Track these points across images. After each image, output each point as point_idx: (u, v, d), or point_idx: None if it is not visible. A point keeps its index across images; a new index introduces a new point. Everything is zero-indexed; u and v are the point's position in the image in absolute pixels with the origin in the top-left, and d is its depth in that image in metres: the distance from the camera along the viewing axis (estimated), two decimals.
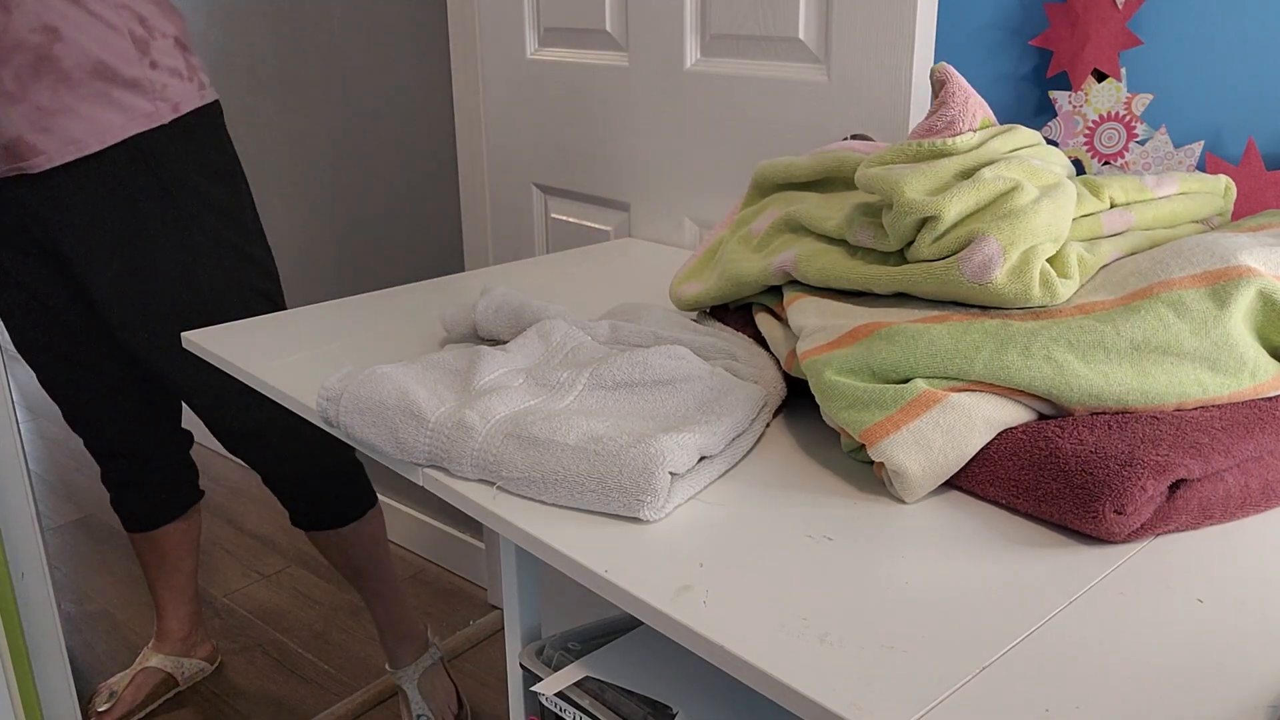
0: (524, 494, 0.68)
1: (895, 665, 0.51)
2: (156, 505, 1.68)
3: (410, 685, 1.71)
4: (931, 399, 0.67)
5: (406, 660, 1.72)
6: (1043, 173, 0.74)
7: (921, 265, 0.72)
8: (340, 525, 1.60)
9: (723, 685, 0.75)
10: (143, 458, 1.61)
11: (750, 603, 0.57)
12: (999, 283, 0.69)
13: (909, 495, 0.66)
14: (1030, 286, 0.69)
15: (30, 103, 1.25)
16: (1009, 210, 0.69)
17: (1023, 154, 0.77)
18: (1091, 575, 0.59)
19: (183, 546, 1.74)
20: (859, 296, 0.79)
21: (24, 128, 1.26)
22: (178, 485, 1.68)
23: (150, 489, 1.65)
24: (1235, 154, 1.02)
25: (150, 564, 1.73)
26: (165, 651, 1.80)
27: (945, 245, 0.71)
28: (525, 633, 0.88)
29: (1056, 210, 0.71)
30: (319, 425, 0.81)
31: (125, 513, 1.68)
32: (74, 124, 1.27)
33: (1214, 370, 0.67)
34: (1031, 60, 1.13)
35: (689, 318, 0.97)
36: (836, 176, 0.93)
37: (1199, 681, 0.50)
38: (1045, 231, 0.70)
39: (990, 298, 0.70)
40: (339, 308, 1.09)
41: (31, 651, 1.29)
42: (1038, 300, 0.69)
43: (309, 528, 1.60)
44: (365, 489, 1.63)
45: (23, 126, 1.26)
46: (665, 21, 1.37)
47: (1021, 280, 0.69)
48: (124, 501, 1.67)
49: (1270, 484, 0.65)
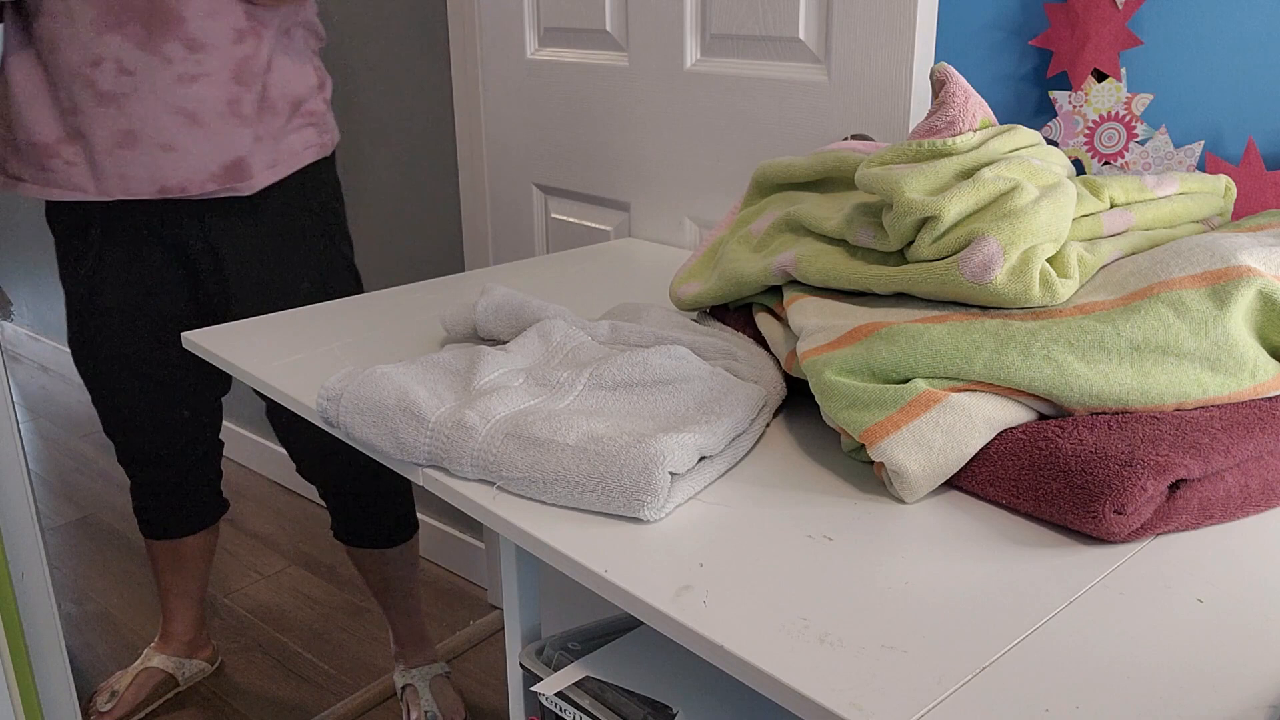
0: (524, 494, 0.68)
1: (895, 665, 0.51)
2: (186, 516, 1.67)
3: (422, 684, 1.75)
4: (931, 399, 0.67)
5: (420, 663, 1.78)
6: (1043, 173, 0.74)
7: (921, 265, 0.72)
8: (388, 545, 1.66)
9: (723, 685, 0.75)
10: (180, 467, 1.61)
11: (750, 603, 0.57)
12: (998, 283, 0.69)
13: (909, 495, 0.66)
14: (1030, 287, 0.69)
15: (254, 129, 1.35)
16: (1009, 210, 0.69)
17: (1023, 154, 0.77)
18: (1091, 575, 0.59)
19: (202, 555, 1.73)
20: (859, 296, 0.79)
21: (248, 150, 1.35)
22: (208, 496, 1.68)
23: (182, 499, 1.65)
24: (1235, 154, 1.02)
25: (165, 569, 1.73)
26: (168, 653, 1.80)
27: (945, 245, 0.71)
28: (525, 633, 0.88)
29: (1056, 210, 0.71)
30: (319, 425, 0.82)
31: (151, 521, 1.67)
32: (276, 151, 1.38)
33: (1214, 370, 0.67)
34: (1031, 60, 1.13)
35: (689, 318, 0.97)
36: (836, 176, 0.93)
37: (1199, 681, 0.50)
38: (1045, 232, 0.70)
39: (990, 298, 0.70)
40: (339, 308, 1.09)
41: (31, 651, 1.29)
42: (1037, 300, 0.69)
43: (358, 544, 1.66)
44: (412, 511, 1.68)
45: (248, 149, 1.35)
46: (665, 21, 1.37)
47: (1021, 280, 0.69)
48: (152, 510, 1.65)
49: (1270, 484, 0.65)
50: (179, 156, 1.31)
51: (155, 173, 1.32)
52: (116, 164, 1.31)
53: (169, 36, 1.27)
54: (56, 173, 1.32)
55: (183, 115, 1.29)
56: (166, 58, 1.27)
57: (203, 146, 1.31)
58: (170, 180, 1.32)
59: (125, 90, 1.28)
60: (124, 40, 1.26)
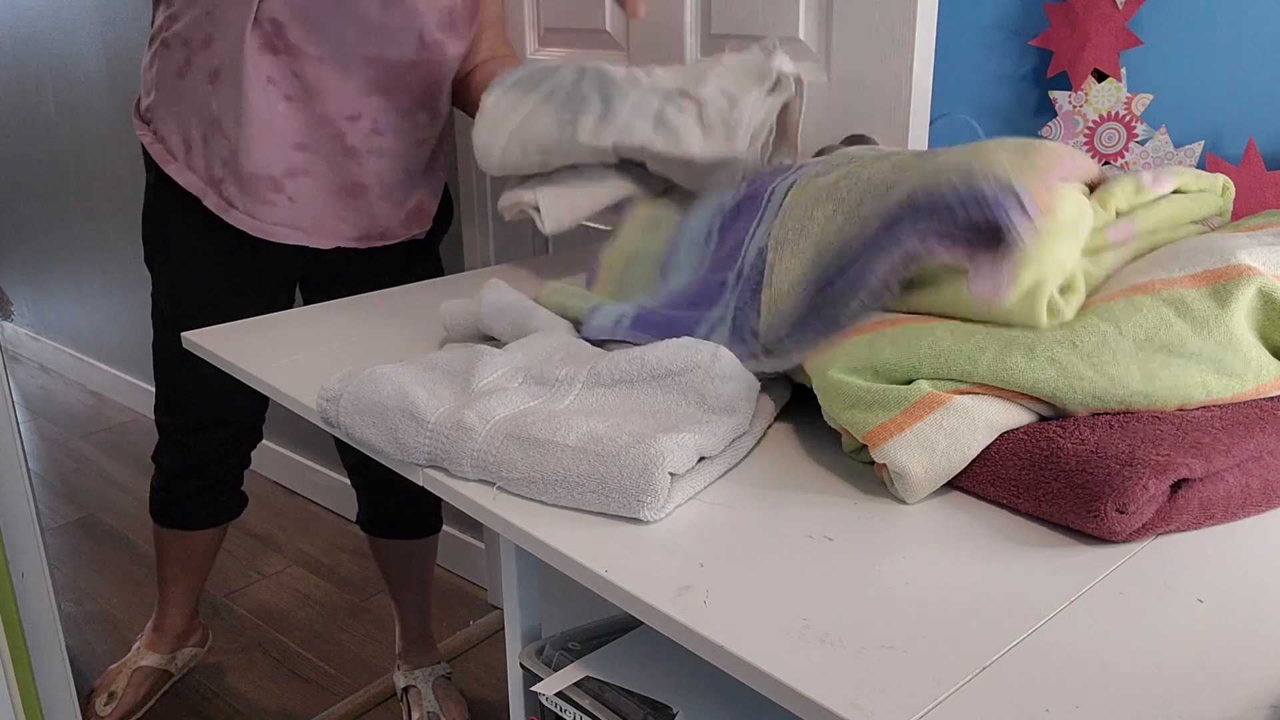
0: (524, 494, 0.68)
1: (895, 665, 0.51)
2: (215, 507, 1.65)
3: (425, 684, 1.76)
4: (935, 401, 0.66)
5: (424, 664, 1.78)
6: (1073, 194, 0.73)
7: (929, 287, 0.72)
8: (414, 537, 1.70)
9: (723, 685, 0.75)
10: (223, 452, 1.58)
11: (750, 603, 0.57)
12: (1007, 305, 0.69)
13: (911, 497, 0.66)
14: (1038, 318, 0.68)
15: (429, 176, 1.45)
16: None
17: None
18: (1092, 575, 0.59)
19: (211, 549, 1.72)
20: None
21: (426, 197, 1.45)
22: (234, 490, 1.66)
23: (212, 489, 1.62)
24: (1235, 154, 1.02)
25: (171, 560, 1.71)
26: (160, 650, 1.79)
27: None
28: (525, 633, 0.88)
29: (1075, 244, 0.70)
30: (320, 425, 0.81)
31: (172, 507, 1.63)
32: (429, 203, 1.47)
33: (1218, 372, 0.67)
34: (1031, 60, 1.13)
35: None
36: None
37: (1199, 681, 0.50)
38: (1058, 265, 0.69)
39: (998, 316, 0.70)
40: (339, 308, 1.09)
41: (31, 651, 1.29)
42: (1044, 326, 0.69)
43: (386, 535, 1.68)
44: (438, 505, 1.71)
45: (425, 196, 1.45)
46: (665, 21, 1.37)
47: (1031, 311, 0.68)
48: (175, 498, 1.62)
49: (1271, 484, 0.65)
50: (392, 207, 1.41)
51: (369, 222, 1.40)
52: (339, 210, 1.37)
53: (425, 107, 1.37)
54: (279, 207, 1.35)
55: (407, 173, 1.40)
56: (416, 124, 1.38)
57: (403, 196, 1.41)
58: (375, 229, 1.41)
59: (372, 148, 1.35)
60: (388, 104, 1.34)
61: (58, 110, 2.86)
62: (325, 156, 1.33)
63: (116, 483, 2.60)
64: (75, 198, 2.94)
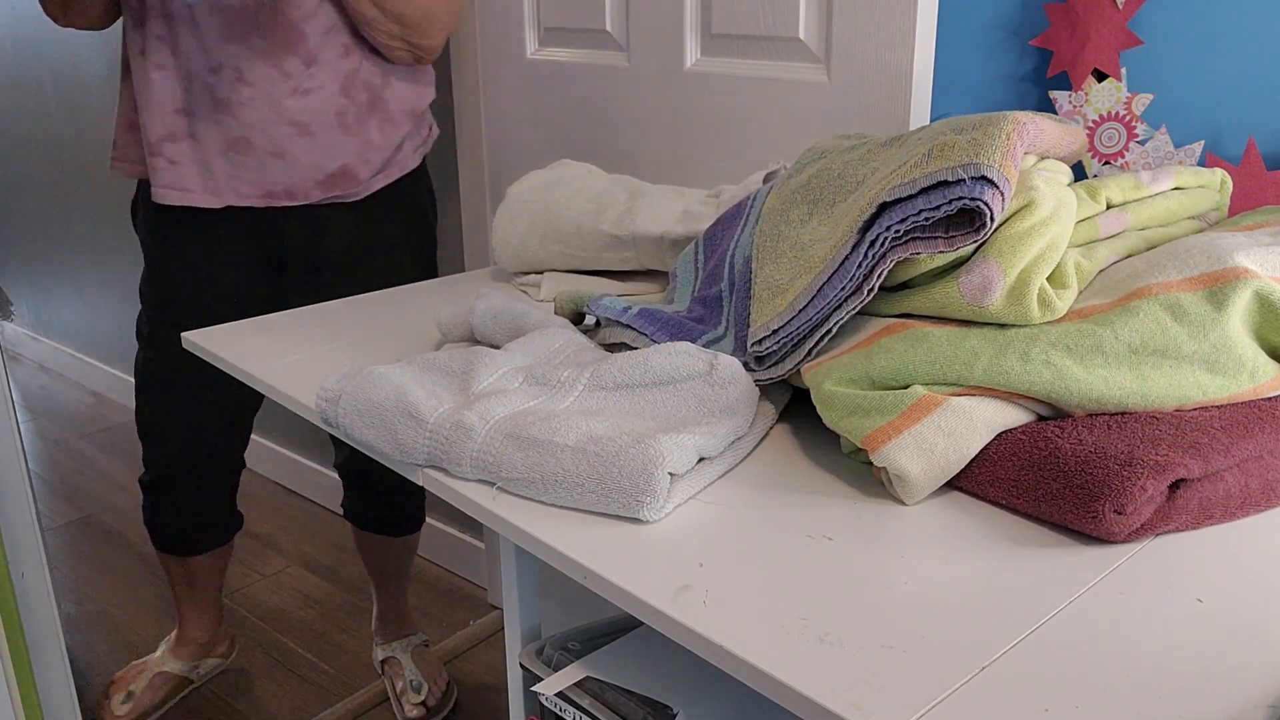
0: (524, 494, 0.68)
1: (895, 665, 0.51)
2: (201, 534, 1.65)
3: (404, 654, 1.81)
4: (932, 403, 0.66)
5: (401, 635, 1.84)
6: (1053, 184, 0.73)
7: (919, 288, 0.72)
8: (397, 534, 1.74)
9: (723, 685, 0.75)
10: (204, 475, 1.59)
11: (750, 603, 0.57)
12: (996, 306, 0.68)
13: (910, 498, 0.66)
14: (1030, 310, 0.68)
15: (362, 137, 1.39)
16: (1013, 233, 0.68)
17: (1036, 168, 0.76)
18: (1091, 575, 0.59)
19: (212, 569, 1.72)
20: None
21: (353, 158, 1.40)
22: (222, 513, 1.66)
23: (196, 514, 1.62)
24: (1235, 154, 1.02)
25: (176, 579, 1.72)
26: (184, 657, 1.79)
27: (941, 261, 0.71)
28: (525, 633, 0.88)
29: (1061, 231, 0.70)
30: (319, 425, 0.81)
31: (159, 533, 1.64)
32: (389, 158, 1.43)
33: (1213, 373, 0.67)
34: (1031, 60, 1.13)
35: None
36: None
37: (1199, 681, 0.50)
38: (1046, 254, 0.69)
39: (989, 319, 0.69)
40: (339, 308, 1.09)
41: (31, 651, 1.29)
42: (1038, 320, 0.69)
43: (369, 528, 1.72)
44: (422, 506, 1.75)
45: (353, 157, 1.40)
46: (665, 21, 1.37)
47: (1021, 304, 0.68)
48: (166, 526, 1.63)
49: (1270, 484, 0.65)
50: (288, 164, 1.37)
51: (264, 180, 1.37)
52: (228, 169, 1.36)
53: (290, 52, 1.33)
54: (161, 171, 1.36)
55: (294, 126, 1.35)
56: (285, 72, 1.33)
57: (311, 156, 1.37)
58: (278, 187, 1.38)
59: (243, 100, 1.33)
60: (246, 51, 1.32)
61: (58, 111, 2.86)
62: (205, 115, 1.34)
63: (116, 483, 2.60)
64: (75, 198, 2.94)
